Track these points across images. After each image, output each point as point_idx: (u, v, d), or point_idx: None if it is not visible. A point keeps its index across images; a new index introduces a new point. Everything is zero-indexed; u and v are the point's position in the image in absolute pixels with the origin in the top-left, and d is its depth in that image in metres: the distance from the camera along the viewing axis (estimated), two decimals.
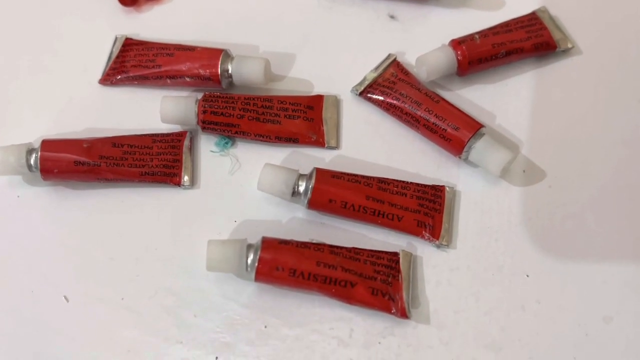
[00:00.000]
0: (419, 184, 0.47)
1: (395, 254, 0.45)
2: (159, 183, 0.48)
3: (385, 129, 0.51)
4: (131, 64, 0.52)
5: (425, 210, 0.46)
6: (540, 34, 0.52)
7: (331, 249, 0.44)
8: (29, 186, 0.49)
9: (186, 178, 0.48)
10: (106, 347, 0.43)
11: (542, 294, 0.44)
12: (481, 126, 0.48)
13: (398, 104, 0.49)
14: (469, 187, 0.48)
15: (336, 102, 0.51)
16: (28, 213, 0.48)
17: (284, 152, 0.50)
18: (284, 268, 0.42)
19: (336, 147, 0.50)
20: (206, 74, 0.50)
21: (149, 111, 0.51)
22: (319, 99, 0.51)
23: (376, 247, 0.45)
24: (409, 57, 0.53)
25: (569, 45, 0.53)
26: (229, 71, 0.50)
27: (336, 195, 0.45)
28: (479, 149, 0.47)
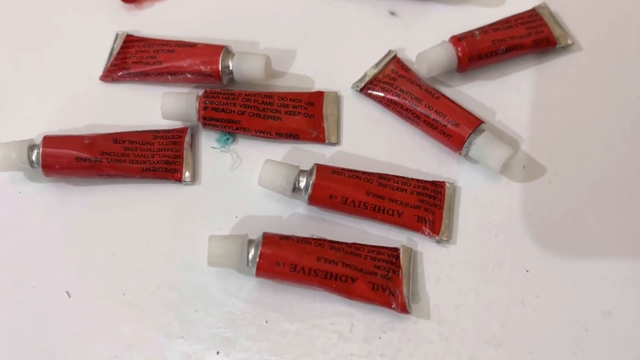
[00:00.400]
0: (419, 179, 0.48)
1: (395, 249, 0.45)
2: (160, 179, 0.48)
3: (385, 125, 0.51)
4: (132, 60, 0.52)
5: (425, 206, 0.46)
6: (540, 30, 0.52)
7: (332, 245, 0.44)
8: (30, 182, 0.49)
9: (187, 174, 0.48)
10: (108, 342, 0.43)
11: (541, 289, 0.44)
12: (481, 122, 0.48)
13: (398, 100, 0.50)
14: (469, 183, 0.48)
15: (337, 99, 0.52)
16: (30, 209, 0.48)
17: (284, 148, 0.50)
18: (284, 263, 0.43)
19: (337, 143, 0.50)
20: (207, 71, 0.50)
21: (150, 108, 0.51)
22: (319, 95, 0.51)
23: (377, 243, 0.46)
24: (409, 54, 0.53)
25: (569, 41, 0.53)
26: (230, 67, 0.50)
27: (337, 191, 0.45)
28: (479, 145, 0.47)
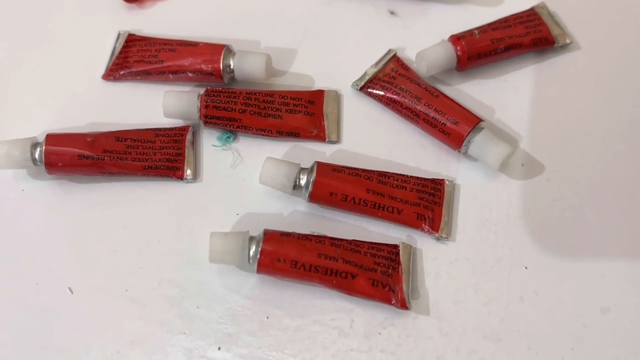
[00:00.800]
0: (418, 177, 0.48)
1: (395, 246, 0.45)
2: (162, 177, 0.49)
3: (385, 124, 0.51)
4: (134, 59, 0.52)
5: (425, 203, 0.47)
6: (538, 29, 0.52)
7: (332, 241, 0.44)
8: (33, 180, 0.49)
9: (189, 172, 0.49)
10: (110, 337, 0.44)
11: (540, 286, 0.45)
12: (480, 120, 0.48)
13: (398, 98, 0.50)
14: (468, 180, 0.49)
15: (337, 97, 0.52)
16: (33, 206, 0.48)
17: (285, 146, 0.50)
18: (285, 260, 0.43)
19: (337, 141, 0.50)
20: (208, 69, 0.50)
21: (151, 106, 0.51)
22: (319, 93, 0.52)
23: (376, 240, 0.46)
24: (408, 53, 0.54)
25: (567, 40, 0.53)
26: (231, 66, 0.50)
27: (337, 188, 0.46)
28: (478, 143, 0.47)
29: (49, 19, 0.56)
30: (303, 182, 0.46)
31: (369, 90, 0.52)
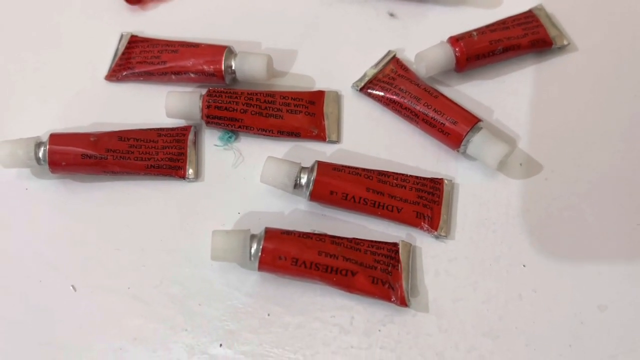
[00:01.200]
0: (418, 176, 0.48)
1: (394, 244, 0.46)
2: (164, 176, 0.49)
3: (385, 124, 0.52)
4: (137, 60, 0.53)
5: (424, 202, 0.47)
6: (536, 31, 0.53)
7: (332, 239, 0.45)
8: (37, 179, 0.50)
9: (191, 171, 0.49)
10: (113, 334, 0.44)
11: (538, 284, 0.45)
12: (479, 120, 0.49)
13: (398, 99, 0.50)
14: (467, 179, 0.49)
15: (337, 98, 0.52)
16: (36, 205, 0.49)
17: (286, 146, 0.51)
18: (286, 257, 0.43)
19: (337, 141, 0.51)
20: (210, 70, 0.51)
21: (154, 106, 0.52)
22: (320, 94, 0.52)
23: (376, 238, 0.46)
24: (408, 54, 0.54)
25: (564, 42, 0.54)
26: (233, 67, 0.51)
27: (337, 187, 0.46)
28: (476, 143, 0.48)
29: (53, 20, 0.57)
30: (304, 181, 0.47)
31: (369, 90, 0.52)
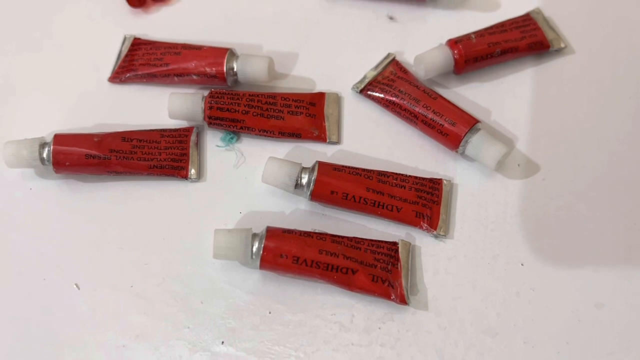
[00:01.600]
0: (417, 177, 0.49)
1: (394, 243, 0.47)
2: (167, 176, 0.50)
3: (384, 125, 0.52)
4: (140, 62, 0.54)
5: (423, 202, 0.48)
6: (534, 34, 0.54)
7: (333, 238, 0.45)
8: (40, 179, 0.50)
9: (193, 171, 0.50)
10: (116, 331, 0.45)
11: (536, 282, 0.46)
12: (477, 122, 0.49)
13: (397, 100, 0.51)
14: (465, 180, 0.50)
15: (337, 99, 0.53)
16: (40, 205, 0.49)
17: (287, 147, 0.51)
18: (287, 255, 0.44)
19: (337, 142, 0.52)
20: (212, 72, 0.52)
21: (157, 108, 0.52)
22: (320, 96, 0.53)
23: (376, 237, 0.47)
24: (407, 57, 0.55)
25: (562, 45, 0.55)
26: (234, 69, 0.52)
27: (338, 187, 0.47)
28: (475, 144, 0.48)
29: (57, 23, 0.57)
30: (305, 181, 0.47)
31: (369, 92, 0.53)
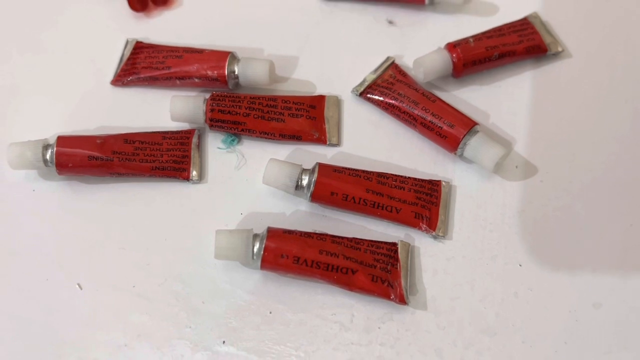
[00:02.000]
0: (416, 178, 0.49)
1: (393, 244, 0.47)
2: (169, 177, 0.50)
3: (384, 128, 0.53)
4: (142, 65, 0.54)
5: (422, 203, 0.48)
6: (531, 38, 0.54)
7: (333, 239, 0.46)
8: (44, 180, 0.51)
9: (194, 173, 0.50)
10: (118, 331, 0.45)
11: (534, 282, 0.46)
12: (475, 124, 0.50)
13: (396, 103, 0.52)
14: (464, 181, 0.50)
15: (337, 102, 0.54)
16: (43, 206, 0.50)
17: (287, 149, 0.52)
18: (288, 256, 0.44)
19: (337, 144, 0.52)
20: (214, 75, 0.52)
21: (159, 110, 0.53)
22: (321, 98, 0.53)
23: (376, 238, 0.47)
24: (406, 60, 0.55)
25: (559, 48, 0.55)
26: (236, 72, 0.52)
27: (338, 188, 0.47)
28: (473, 146, 0.49)
29: (61, 27, 0.58)
30: (305, 182, 0.48)
31: (368, 95, 0.53)
